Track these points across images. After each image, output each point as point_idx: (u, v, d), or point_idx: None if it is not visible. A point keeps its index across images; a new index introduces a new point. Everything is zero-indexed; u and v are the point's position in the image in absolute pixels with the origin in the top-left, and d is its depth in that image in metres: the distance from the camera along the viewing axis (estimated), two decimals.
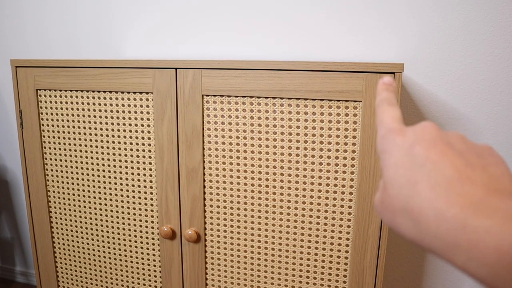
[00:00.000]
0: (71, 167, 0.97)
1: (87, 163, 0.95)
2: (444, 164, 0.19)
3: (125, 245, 0.97)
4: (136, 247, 0.96)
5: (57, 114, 0.95)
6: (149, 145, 0.89)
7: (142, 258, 0.96)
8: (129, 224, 0.95)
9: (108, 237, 0.98)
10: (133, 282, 0.99)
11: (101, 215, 0.97)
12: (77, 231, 1.01)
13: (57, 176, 0.99)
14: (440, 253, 0.18)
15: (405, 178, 0.20)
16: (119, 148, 0.91)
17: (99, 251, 1.00)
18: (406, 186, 0.20)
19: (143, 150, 0.90)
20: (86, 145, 0.94)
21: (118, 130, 0.90)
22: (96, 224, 0.98)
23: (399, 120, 0.24)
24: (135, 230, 0.95)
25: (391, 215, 0.21)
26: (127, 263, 0.98)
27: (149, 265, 0.96)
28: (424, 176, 0.19)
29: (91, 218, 0.98)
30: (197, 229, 0.89)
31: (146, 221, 0.93)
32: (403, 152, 0.21)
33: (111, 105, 0.90)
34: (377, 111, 0.26)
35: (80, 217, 0.99)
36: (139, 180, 0.92)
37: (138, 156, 0.90)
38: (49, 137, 0.97)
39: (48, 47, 1.34)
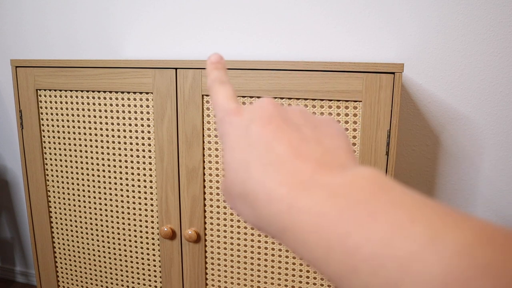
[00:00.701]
0: (71, 167, 0.97)
1: (87, 163, 0.95)
2: (278, 141, 0.18)
3: (125, 245, 0.97)
4: (136, 247, 0.96)
5: (57, 114, 0.95)
6: (149, 145, 0.89)
7: (142, 258, 0.96)
8: (129, 224, 0.95)
9: (108, 237, 0.98)
10: (133, 282, 0.99)
11: (101, 215, 0.97)
12: (77, 231, 1.01)
13: (57, 176, 0.99)
14: (276, 238, 0.17)
15: (239, 161, 0.19)
16: (119, 148, 0.91)
17: (99, 251, 1.00)
18: (241, 169, 0.18)
19: (143, 150, 0.90)
20: (86, 145, 0.94)
21: (118, 130, 0.90)
22: (96, 224, 0.98)
23: (233, 99, 0.22)
24: (135, 230, 0.95)
25: (232, 201, 0.20)
26: (127, 263, 0.98)
27: (149, 265, 0.96)
28: (256, 156, 0.18)
29: (91, 218, 0.98)
30: (197, 229, 0.89)
31: (146, 221, 0.93)
32: (239, 132, 0.20)
33: (111, 105, 0.90)
34: (210, 93, 0.24)
35: (80, 217, 0.99)
36: (139, 180, 0.92)
37: (138, 156, 0.90)
38: (49, 137, 0.97)
39: (48, 47, 1.34)
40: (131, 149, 0.91)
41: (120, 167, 0.92)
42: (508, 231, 0.12)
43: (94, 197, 0.97)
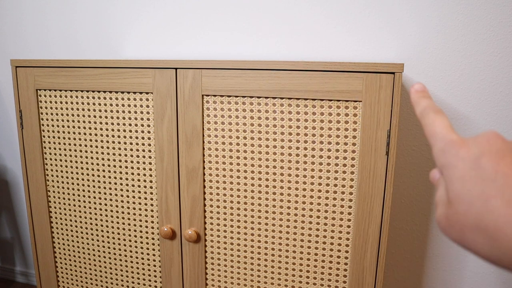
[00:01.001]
0: (71, 167, 0.97)
1: (87, 163, 0.95)
2: None
3: (125, 245, 0.97)
4: (136, 247, 0.96)
5: (57, 114, 0.95)
6: (149, 145, 0.89)
7: (142, 258, 0.96)
8: (129, 224, 0.95)
9: (108, 237, 0.98)
10: (133, 282, 0.99)
11: (101, 215, 0.97)
12: (77, 231, 1.01)
13: (57, 176, 0.99)
14: None
15: (474, 194, 0.19)
16: (119, 148, 0.91)
17: (99, 251, 1.00)
18: (477, 202, 0.19)
19: (143, 150, 0.90)
20: (86, 145, 0.94)
21: (118, 130, 0.90)
22: (96, 224, 0.98)
23: (453, 129, 0.23)
24: (135, 230, 0.95)
25: (460, 233, 0.20)
26: (127, 263, 0.98)
27: (149, 265, 0.96)
28: (497, 191, 0.18)
29: (91, 218, 0.98)
30: (197, 229, 0.89)
31: (146, 221, 0.93)
32: (469, 165, 0.20)
33: (111, 105, 0.90)
34: (423, 122, 0.24)
35: (80, 217, 0.99)
36: (139, 180, 0.92)
37: (138, 156, 0.90)
38: (49, 137, 0.97)
39: (48, 47, 1.34)
40: (131, 149, 0.91)
41: (120, 167, 0.92)
42: None
43: (94, 197, 0.97)
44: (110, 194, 0.95)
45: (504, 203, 0.18)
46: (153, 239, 0.94)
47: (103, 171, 0.94)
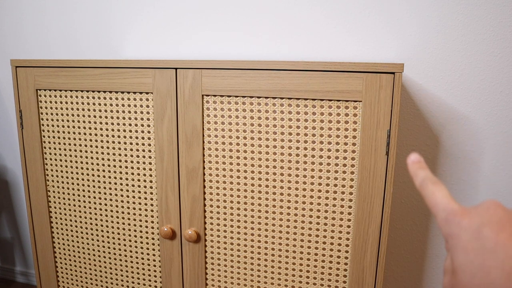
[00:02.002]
0: (71, 167, 0.97)
1: (87, 163, 0.95)
2: None
3: (125, 245, 0.97)
4: (136, 247, 0.96)
5: (57, 114, 0.95)
6: (149, 145, 0.89)
7: (142, 258, 0.96)
8: (129, 224, 0.95)
9: (108, 237, 0.98)
10: (133, 282, 0.99)
11: (101, 215, 0.97)
12: (77, 231, 1.01)
13: (57, 176, 0.99)
14: None
15: (476, 265, 0.19)
16: (119, 148, 0.91)
17: (99, 251, 1.00)
18: (479, 274, 0.19)
19: (143, 150, 0.90)
20: (86, 145, 0.94)
21: (118, 130, 0.90)
22: (96, 224, 0.98)
23: (452, 199, 0.24)
24: (135, 230, 0.95)
25: None
26: (127, 263, 0.98)
27: (149, 265, 0.96)
28: (498, 263, 0.19)
29: (91, 218, 0.98)
30: (197, 229, 0.89)
31: (146, 221, 0.93)
32: (470, 235, 0.20)
33: (111, 105, 0.90)
34: (423, 193, 0.25)
35: (80, 217, 0.99)
36: (139, 180, 0.92)
37: (138, 156, 0.90)
38: (49, 137, 0.97)
39: (48, 47, 1.34)
40: (131, 149, 0.91)
41: (120, 167, 0.92)
42: None
43: (94, 197, 0.97)
44: (110, 194, 0.95)
45: (504, 276, 0.18)
46: (153, 239, 0.94)
47: (103, 171, 0.94)
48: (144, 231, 0.94)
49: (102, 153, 0.93)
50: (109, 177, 0.94)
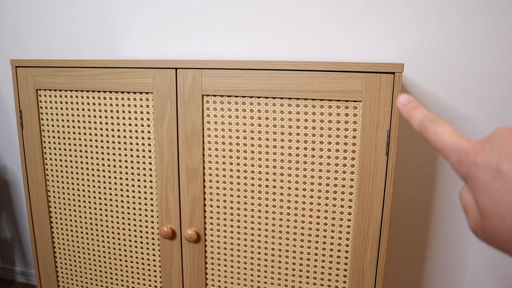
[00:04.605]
0: (71, 167, 0.97)
1: (87, 163, 0.95)
2: None
3: (125, 245, 0.97)
4: (136, 247, 0.96)
5: (57, 114, 0.95)
6: (149, 145, 0.89)
7: (142, 258, 0.96)
8: (129, 224, 0.95)
9: (108, 237, 0.98)
10: (133, 282, 0.99)
11: (101, 215, 0.97)
12: (77, 231, 1.01)
13: (57, 176, 0.99)
14: None
15: (504, 207, 0.18)
16: (119, 148, 0.91)
17: (99, 251, 1.00)
18: (509, 215, 0.18)
19: (143, 150, 0.90)
20: (86, 145, 0.94)
21: (118, 130, 0.90)
22: (96, 224, 0.98)
23: (459, 134, 0.21)
24: (135, 230, 0.95)
25: (498, 243, 0.19)
26: (127, 263, 0.98)
27: (149, 265, 0.96)
28: None
29: (91, 218, 0.98)
30: (197, 229, 0.89)
31: (146, 221, 0.93)
32: (491, 175, 0.19)
33: (111, 105, 0.90)
34: (425, 137, 0.23)
35: (80, 217, 0.99)
36: (139, 180, 0.92)
37: (138, 156, 0.90)
38: (49, 137, 0.97)
39: (48, 47, 1.34)
40: (131, 149, 0.91)
41: (120, 167, 0.92)
42: None
43: (94, 197, 0.97)
44: (110, 194, 0.95)
45: None
46: (153, 239, 0.94)
47: (103, 171, 0.94)
48: (144, 231, 0.94)
49: (102, 153, 0.93)
50: (109, 177, 0.94)
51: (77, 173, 0.97)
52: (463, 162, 0.20)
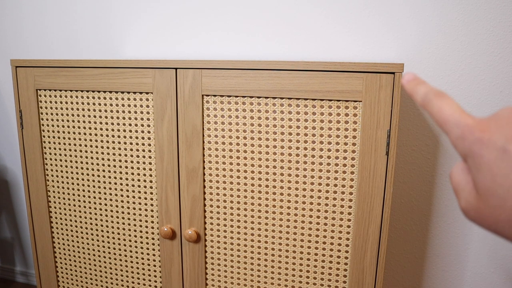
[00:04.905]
0: (71, 167, 0.97)
1: (87, 163, 0.95)
2: None
3: (125, 245, 0.97)
4: (136, 247, 0.96)
5: (57, 114, 0.95)
6: (149, 145, 0.89)
7: (142, 258, 0.96)
8: (129, 224, 0.95)
9: (108, 237, 0.98)
10: (133, 282, 0.99)
11: (101, 215, 0.97)
12: (77, 231, 1.01)
13: (57, 176, 0.99)
14: None
15: (506, 188, 0.17)
16: (119, 148, 0.91)
17: (99, 251, 1.00)
18: (511, 197, 0.17)
19: (143, 150, 0.90)
20: (86, 145, 0.94)
21: (118, 130, 0.90)
22: (96, 224, 0.98)
23: (464, 111, 0.20)
24: (135, 230, 0.95)
25: (493, 224, 0.19)
26: (127, 263, 0.98)
27: (149, 265, 0.96)
28: None
29: (91, 218, 0.98)
30: (197, 229, 0.89)
31: (146, 221, 0.93)
32: (495, 155, 0.18)
33: (111, 105, 0.90)
34: (428, 110, 0.22)
35: (80, 217, 0.99)
36: (139, 180, 0.92)
37: (138, 156, 0.90)
38: (49, 137, 0.97)
39: (48, 47, 1.34)
40: (131, 149, 0.91)
41: (120, 167, 0.92)
42: None
43: (94, 197, 0.97)
44: (110, 194, 0.95)
45: None
46: (153, 239, 0.94)
47: (103, 171, 0.94)
48: (144, 231, 0.94)
49: (102, 153, 0.93)
50: (109, 177, 0.94)
51: (77, 173, 0.97)
52: (466, 138, 0.19)
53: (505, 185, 0.17)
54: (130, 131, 0.90)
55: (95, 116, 0.92)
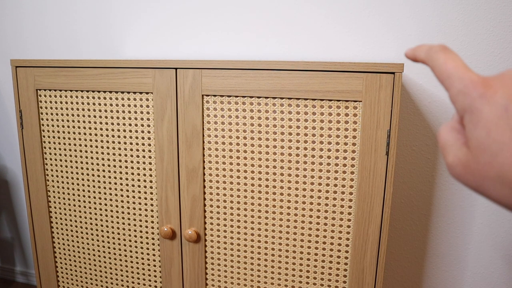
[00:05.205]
0: (71, 167, 0.97)
1: (87, 163, 0.95)
2: None
3: (125, 245, 0.97)
4: (136, 247, 0.96)
5: (57, 114, 0.95)
6: (149, 145, 0.89)
7: (142, 258, 0.96)
8: (129, 224, 0.95)
9: (108, 237, 0.98)
10: (133, 282, 0.99)
11: (101, 215, 0.97)
12: (77, 231, 1.01)
13: (57, 176, 0.99)
14: None
15: (500, 144, 0.17)
16: (119, 148, 0.91)
17: (99, 251, 1.00)
18: (503, 153, 0.17)
19: (143, 150, 0.90)
20: (86, 145, 0.94)
21: (118, 130, 0.91)
22: (96, 224, 0.98)
23: (468, 67, 0.20)
24: (135, 230, 0.95)
25: (478, 182, 0.19)
26: (127, 263, 0.98)
27: (149, 265, 0.96)
28: None
29: (91, 218, 0.98)
30: (197, 229, 0.89)
31: (146, 221, 0.93)
32: (496, 112, 0.18)
33: (111, 105, 0.90)
34: (431, 64, 0.21)
35: (80, 217, 0.99)
36: (139, 180, 0.92)
37: (138, 156, 0.90)
38: (49, 137, 0.97)
39: (48, 47, 1.34)
40: (131, 149, 0.91)
41: (120, 167, 0.92)
42: None
43: (94, 197, 0.97)
44: (110, 194, 0.95)
45: None
46: (153, 239, 0.94)
47: (103, 171, 0.94)
48: (144, 231, 0.94)
49: (102, 153, 0.93)
50: (109, 177, 0.94)
51: (77, 173, 0.97)
52: (469, 93, 0.19)
53: (499, 141, 0.18)
54: (130, 131, 0.90)
55: (95, 116, 0.92)
